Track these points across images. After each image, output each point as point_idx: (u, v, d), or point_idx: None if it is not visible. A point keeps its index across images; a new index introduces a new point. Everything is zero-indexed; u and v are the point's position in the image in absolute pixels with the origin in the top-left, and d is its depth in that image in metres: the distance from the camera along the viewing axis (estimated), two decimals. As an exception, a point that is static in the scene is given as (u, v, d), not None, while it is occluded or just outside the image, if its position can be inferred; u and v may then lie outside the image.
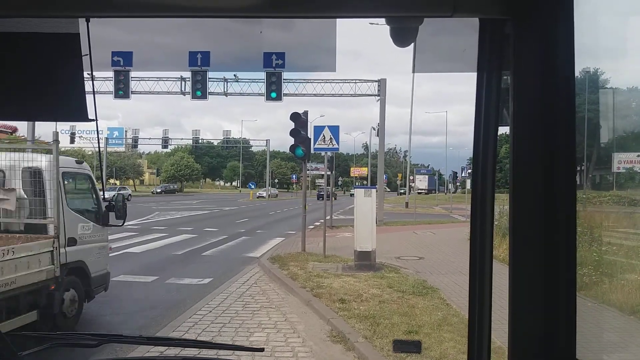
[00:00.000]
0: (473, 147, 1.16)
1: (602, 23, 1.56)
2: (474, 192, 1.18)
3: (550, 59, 1.05)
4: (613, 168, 8.31)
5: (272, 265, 11.78)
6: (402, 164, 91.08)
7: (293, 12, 1.10)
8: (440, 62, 1.48)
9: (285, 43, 1.95)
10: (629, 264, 5.43)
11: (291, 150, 14.17)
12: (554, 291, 1.07)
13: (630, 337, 4.28)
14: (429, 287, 9.38)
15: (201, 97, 22.09)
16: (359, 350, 5.99)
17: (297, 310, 8.07)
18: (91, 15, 1.10)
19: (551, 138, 1.06)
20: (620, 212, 8.44)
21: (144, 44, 1.68)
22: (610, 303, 4.66)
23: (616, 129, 6.21)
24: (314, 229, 21.31)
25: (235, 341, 6.53)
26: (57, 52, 1.18)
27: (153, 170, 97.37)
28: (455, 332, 6.50)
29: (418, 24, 1.17)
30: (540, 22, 1.05)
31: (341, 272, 10.91)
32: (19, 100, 1.21)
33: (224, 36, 1.58)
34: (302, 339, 6.62)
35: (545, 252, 1.07)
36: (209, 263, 13.07)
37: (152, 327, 7.30)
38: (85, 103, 1.20)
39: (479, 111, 1.15)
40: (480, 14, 1.10)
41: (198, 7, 1.07)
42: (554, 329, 1.07)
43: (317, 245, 14.39)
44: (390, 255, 13.50)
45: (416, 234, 19.87)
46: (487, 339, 1.18)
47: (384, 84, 28.81)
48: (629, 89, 5.64)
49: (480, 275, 1.18)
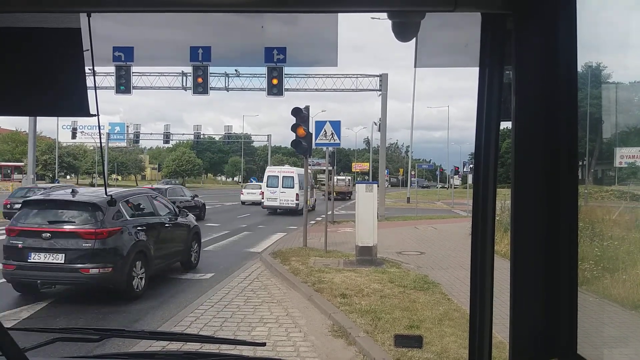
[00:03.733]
0: (475, 141, 1.16)
1: (604, 17, 1.56)
2: (476, 187, 1.18)
3: (552, 54, 1.04)
4: (615, 163, 8.28)
5: (273, 260, 11.80)
6: (403, 159, 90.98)
7: (294, 7, 1.09)
8: (442, 57, 1.48)
9: (287, 38, 1.95)
10: (631, 259, 5.43)
11: (292, 145, 14.17)
12: (555, 286, 1.07)
13: (631, 332, 4.28)
14: (430, 282, 9.39)
15: (202, 92, 22.10)
16: (361, 345, 6.00)
17: (298, 305, 8.09)
18: (92, 10, 1.10)
19: (553, 133, 1.05)
20: (622, 207, 8.43)
21: (145, 39, 1.68)
22: (611, 298, 4.66)
23: (618, 124, 6.19)
24: (315, 224, 21.33)
25: (237, 336, 6.55)
26: (58, 48, 1.18)
27: (155, 166, 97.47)
28: (456, 327, 6.51)
29: (420, 19, 1.17)
30: (542, 17, 1.04)
31: (342, 267, 10.93)
32: (20, 96, 1.21)
33: (225, 31, 1.57)
34: (303, 334, 6.64)
35: (547, 247, 1.07)
36: (211, 258, 13.09)
37: (154, 322, 7.33)
38: (87, 98, 1.19)
39: (481, 106, 1.14)
40: (482, 8, 1.09)
41: (199, 2, 1.07)
42: (555, 324, 1.07)
43: (319, 241, 14.41)
44: (392, 251, 13.52)
45: (417, 229, 19.88)
46: (488, 334, 1.19)
47: (385, 78, 28.77)
48: (632, 83, 5.62)
49: (481, 270, 1.18)
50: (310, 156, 15.33)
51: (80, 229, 8.11)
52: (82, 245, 7.98)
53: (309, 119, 14.30)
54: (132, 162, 79.42)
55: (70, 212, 8.44)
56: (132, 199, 9.51)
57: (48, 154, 59.65)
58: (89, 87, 1.20)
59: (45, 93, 1.21)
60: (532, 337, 1.09)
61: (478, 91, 1.15)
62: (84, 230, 8.06)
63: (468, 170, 36.61)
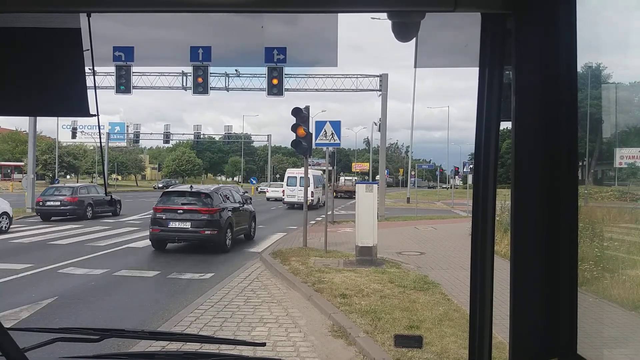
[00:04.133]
0: (475, 142, 1.16)
1: (604, 17, 1.55)
2: (476, 187, 1.18)
3: (552, 54, 1.04)
4: (615, 163, 8.28)
5: (273, 260, 11.80)
6: (403, 160, 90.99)
7: (294, 7, 1.09)
8: (442, 57, 1.48)
9: (287, 38, 1.96)
10: (631, 259, 5.43)
11: (292, 145, 14.17)
12: (555, 286, 1.07)
13: (631, 333, 4.29)
14: (430, 282, 9.39)
15: (202, 92, 22.10)
16: (360, 345, 6.00)
17: (298, 305, 8.09)
18: (92, 10, 1.10)
19: (553, 133, 1.05)
20: (622, 207, 8.43)
21: (145, 39, 1.68)
22: (611, 298, 4.66)
23: (618, 124, 6.19)
24: (315, 224, 21.32)
25: (237, 336, 6.55)
26: (58, 48, 1.18)
27: (155, 166, 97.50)
28: (456, 327, 6.51)
29: (420, 19, 1.17)
30: (542, 17, 1.04)
31: (342, 267, 10.93)
32: (20, 96, 1.21)
33: (226, 31, 1.57)
34: (303, 334, 6.64)
35: (547, 247, 1.07)
36: (211, 258, 13.10)
37: (153, 321, 7.33)
38: (87, 98, 1.19)
39: (481, 106, 1.14)
40: (482, 8, 1.09)
41: (199, 2, 1.07)
42: (555, 325, 1.07)
43: (319, 241, 14.40)
44: (392, 251, 13.52)
45: (417, 229, 19.88)
46: (488, 334, 1.19)
47: (385, 78, 28.77)
48: (632, 84, 5.63)
49: (481, 270, 1.18)
50: (310, 156, 15.33)
51: (199, 207, 13.75)
52: (201, 217, 13.60)
53: (309, 119, 14.29)
54: (132, 162, 79.43)
55: (192, 198, 14.11)
56: (222, 191, 15.16)
57: (48, 153, 59.61)
58: (89, 87, 1.20)
59: (45, 93, 1.21)
60: (532, 337, 1.09)
61: (478, 91, 1.15)
62: (202, 209, 13.71)
63: (468, 171, 36.61)
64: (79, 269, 11.08)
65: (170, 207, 13.81)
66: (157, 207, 13.90)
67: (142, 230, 19.11)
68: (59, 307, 7.96)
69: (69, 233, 17.82)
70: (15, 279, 9.87)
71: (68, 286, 9.44)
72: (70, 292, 8.98)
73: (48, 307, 7.96)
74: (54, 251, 13.64)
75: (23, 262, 11.62)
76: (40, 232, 17.89)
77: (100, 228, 19.48)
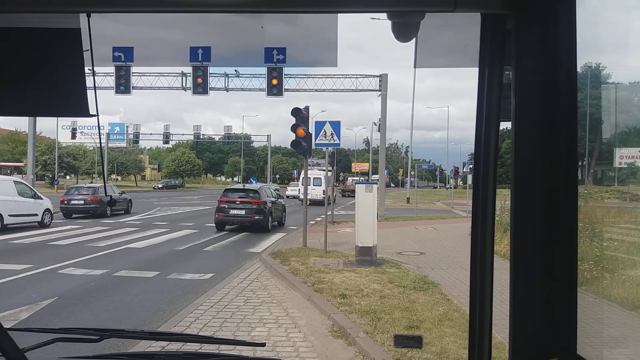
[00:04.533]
0: (475, 142, 1.16)
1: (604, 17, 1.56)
2: (476, 187, 1.18)
3: (552, 54, 1.04)
4: (615, 163, 8.29)
5: (273, 260, 11.80)
6: (403, 160, 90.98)
7: (294, 7, 1.09)
8: (441, 57, 1.48)
9: (287, 38, 1.96)
10: (630, 259, 5.44)
11: (292, 145, 14.17)
12: (554, 286, 1.07)
13: (631, 333, 4.29)
14: (430, 282, 9.39)
15: (202, 92, 22.11)
16: (360, 345, 6.00)
17: (298, 305, 8.09)
18: (92, 11, 1.10)
19: (553, 133, 1.05)
20: (621, 207, 8.44)
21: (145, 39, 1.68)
22: (611, 298, 4.66)
23: (618, 124, 6.20)
24: (315, 225, 21.33)
25: (236, 336, 6.55)
26: (57, 48, 1.18)
27: (154, 166, 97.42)
28: (456, 327, 6.51)
29: (419, 19, 1.17)
30: (542, 17, 1.04)
31: (342, 267, 10.93)
32: (20, 96, 1.21)
33: (225, 31, 1.57)
34: (303, 334, 6.64)
35: (547, 247, 1.07)
36: (211, 258, 13.10)
37: (153, 322, 7.32)
38: (86, 98, 1.19)
39: (481, 106, 1.14)
40: (481, 8, 1.09)
41: (199, 2, 1.07)
42: (555, 324, 1.07)
43: (319, 241, 14.41)
44: (391, 251, 13.52)
45: (417, 230, 19.89)
46: (488, 334, 1.18)
47: (385, 79, 28.79)
48: (631, 84, 5.63)
49: (481, 270, 1.18)
50: (310, 156, 15.32)
51: (251, 200, 19.30)
52: (252, 207, 19.10)
53: (309, 119, 14.30)
54: (132, 162, 79.40)
55: (246, 192, 19.81)
56: (264, 189, 20.91)
57: (48, 154, 59.58)
58: (89, 87, 1.20)
59: (45, 93, 1.20)
60: (532, 337, 1.09)
61: (478, 91, 1.15)
62: (252, 201, 19.26)
63: (468, 171, 36.60)
64: (79, 269, 11.08)
65: (230, 199, 19.41)
66: (221, 200, 19.54)
67: (142, 230, 19.12)
68: (58, 308, 7.96)
69: (69, 233, 17.83)
70: (15, 280, 9.87)
71: (68, 286, 9.43)
72: (70, 292, 8.97)
73: (48, 307, 7.95)
74: (54, 252, 13.65)
75: (23, 262, 11.62)
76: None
77: (100, 228, 19.48)
